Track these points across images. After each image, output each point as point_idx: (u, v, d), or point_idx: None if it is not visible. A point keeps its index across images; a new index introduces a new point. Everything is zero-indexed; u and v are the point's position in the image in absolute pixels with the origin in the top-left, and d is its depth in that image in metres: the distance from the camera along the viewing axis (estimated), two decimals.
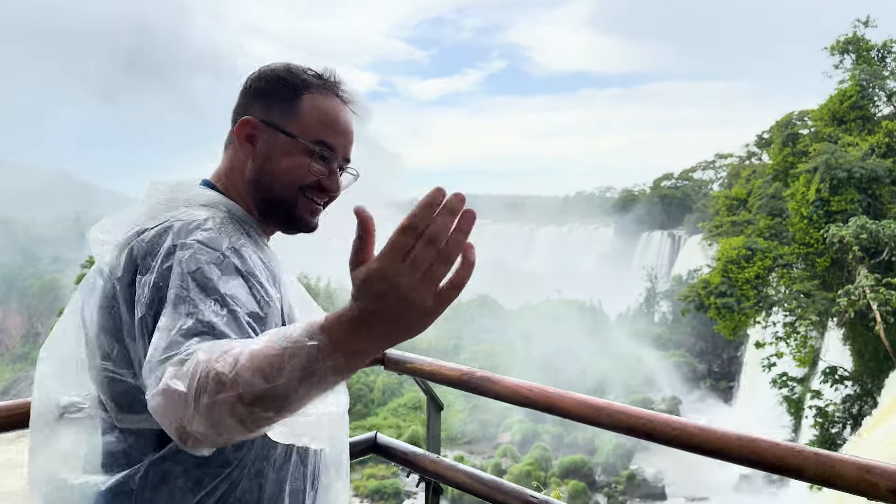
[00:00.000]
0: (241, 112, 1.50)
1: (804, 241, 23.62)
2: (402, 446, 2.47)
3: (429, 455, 2.39)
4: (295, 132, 1.46)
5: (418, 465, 2.37)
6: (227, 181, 1.50)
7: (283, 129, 1.46)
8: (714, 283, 24.10)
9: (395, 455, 2.45)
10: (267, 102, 1.48)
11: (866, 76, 24.83)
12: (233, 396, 0.92)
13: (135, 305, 1.20)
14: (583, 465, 30.75)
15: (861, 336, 22.13)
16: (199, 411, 0.94)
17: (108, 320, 1.28)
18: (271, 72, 1.51)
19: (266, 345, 0.94)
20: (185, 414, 0.95)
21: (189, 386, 0.95)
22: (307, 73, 1.51)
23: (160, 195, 1.40)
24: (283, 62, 1.53)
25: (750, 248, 24.40)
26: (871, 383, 22.26)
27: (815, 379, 24.30)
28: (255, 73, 1.53)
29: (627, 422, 1.85)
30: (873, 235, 20.91)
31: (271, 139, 1.47)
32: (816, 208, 23.05)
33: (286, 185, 1.47)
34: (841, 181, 22.67)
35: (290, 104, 1.47)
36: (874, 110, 25.52)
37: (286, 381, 0.92)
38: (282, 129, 1.46)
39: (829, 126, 25.29)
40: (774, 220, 26.20)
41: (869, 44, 25.54)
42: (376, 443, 2.47)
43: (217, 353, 0.97)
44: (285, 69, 1.51)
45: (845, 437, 22.70)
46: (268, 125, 1.47)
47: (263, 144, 1.47)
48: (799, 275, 23.71)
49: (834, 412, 22.92)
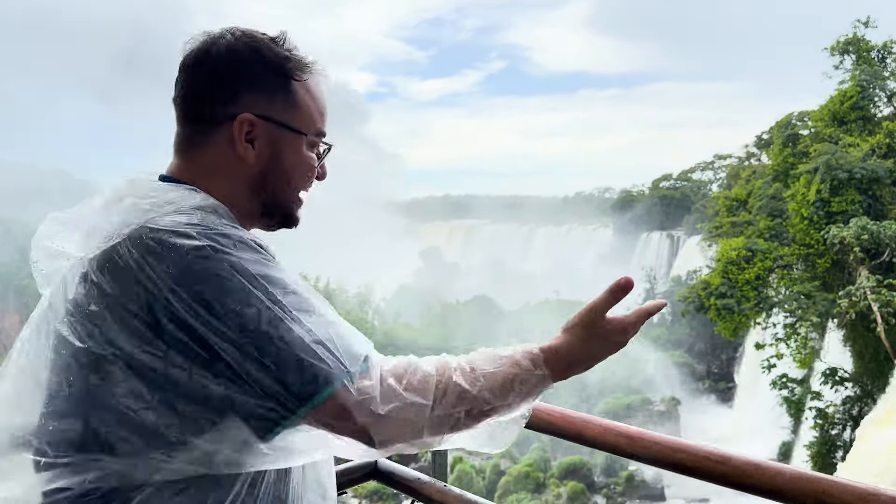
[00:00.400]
0: (224, 102, 1.28)
1: (804, 242, 23.54)
2: (406, 472, 2.27)
3: (436, 483, 2.25)
4: (301, 128, 1.33)
5: (424, 493, 2.22)
6: (210, 183, 1.27)
7: (290, 126, 1.32)
8: (714, 285, 24.04)
9: (399, 482, 2.26)
10: (263, 94, 1.30)
11: (867, 77, 24.77)
12: (464, 410, 1.12)
13: (196, 331, 1.05)
14: (581, 466, 30.66)
15: (862, 337, 22.07)
16: (431, 421, 1.11)
17: (132, 348, 1.07)
18: (250, 52, 1.29)
19: (495, 366, 1.17)
20: (417, 423, 1.10)
21: (426, 397, 1.10)
22: (286, 52, 1.33)
23: (135, 196, 1.21)
24: (241, 33, 1.31)
25: (750, 249, 24.34)
26: (872, 385, 22.20)
27: (814, 380, 24.24)
28: (222, 52, 1.28)
29: (666, 455, 1.60)
30: (874, 236, 20.84)
31: (275, 137, 1.31)
32: (817, 209, 22.98)
33: (295, 186, 1.36)
34: (841, 182, 22.60)
35: (288, 95, 1.32)
36: (874, 111, 25.46)
37: (512, 401, 1.18)
38: (288, 125, 1.32)
39: (829, 127, 25.22)
40: (774, 220, 26.11)
41: (869, 44, 25.48)
42: (377, 468, 2.33)
43: (442, 366, 1.15)
44: (266, 49, 1.30)
45: (845, 439, 22.64)
46: (267, 121, 1.30)
47: (266, 144, 1.30)
48: (799, 276, 23.64)
49: (834, 413, 22.87)
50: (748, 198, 30.08)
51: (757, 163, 39.65)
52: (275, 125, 1.30)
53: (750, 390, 35.11)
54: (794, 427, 27.69)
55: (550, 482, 29.51)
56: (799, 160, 25.24)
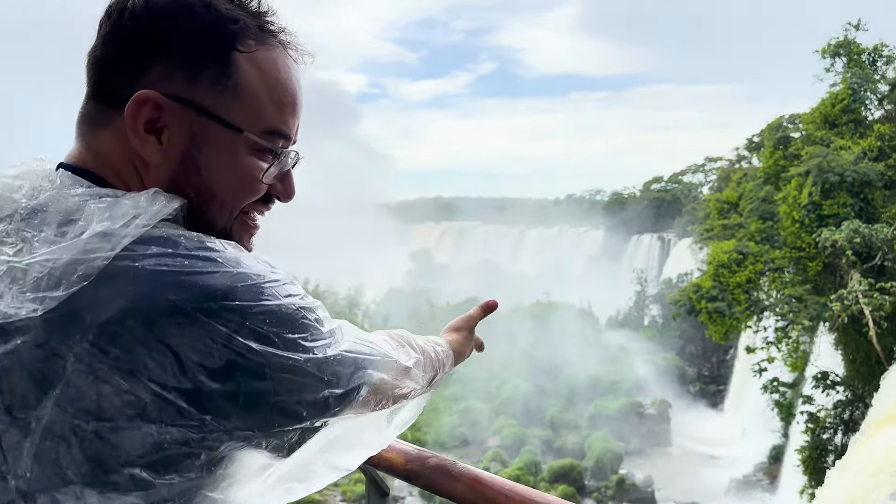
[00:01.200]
0: (128, 75, 0.92)
1: (796, 245, 23.47)
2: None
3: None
4: (238, 121, 0.94)
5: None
6: (117, 181, 0.94)
7: (219, 117, 0.93)
8: (705, 287, 23.93)
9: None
10: (183, 67, 0.91)
11: (858, 79, 24.73)
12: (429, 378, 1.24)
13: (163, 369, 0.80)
14: (572, 470, 30.58)
15: (853, 341, 22.01)
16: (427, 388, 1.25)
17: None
18: (177, 6, 0.91)
19: (438, 349, 1.31)
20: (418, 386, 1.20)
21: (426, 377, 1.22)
22: (234, 8, 0.94)
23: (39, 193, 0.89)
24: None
25: (741, 252, 24.26)
26: (863, 389, 22.14)
27: (806, 384, 24.19)
28: (140, 4, 0.91)
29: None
30: (866, 240, 20.77)
31: (195, 130, 0.93)
32: (808, 212, 22.90)
33: (225, 206, 0.97)
34: (833, 185, 22.54)
35: (224, 71, 0.92)
36: (866, 114, 25.43)
37: (438, 380, 1.30)
38: (216, 115, 0.92)
39: (820, 129, 25.18)
40: (766, 223, 26.03)
41: (860, 47, 25.46)
42: None
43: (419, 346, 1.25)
44: (201, 3, 0.92)
45: (836, 443, 22.58)
46: (184, 105, 0.91)
47: (179, 139, 0.92)
48: (791, 279, 23.57)
49: (825, 417, 22.80)
50: (739, 200, 30.02)
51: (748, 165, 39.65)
52: (195, 113, 0.92)
53: (740, 394, 35.10)
54: (785, 431, 27.64)
55: (541, 486, 29.36)
56: (790, 163, 25.17)
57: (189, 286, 0.80)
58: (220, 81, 0.92)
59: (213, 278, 0.82)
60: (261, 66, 0.94)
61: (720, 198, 32.49)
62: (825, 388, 22.79)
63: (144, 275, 0.80)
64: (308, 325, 0.88)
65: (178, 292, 0.80)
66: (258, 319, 0.83)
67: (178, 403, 0.80)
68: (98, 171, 0.94)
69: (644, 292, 50.90)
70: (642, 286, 51.04)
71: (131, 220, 0.84)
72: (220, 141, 0.94)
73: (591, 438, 32.95)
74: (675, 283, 42.64)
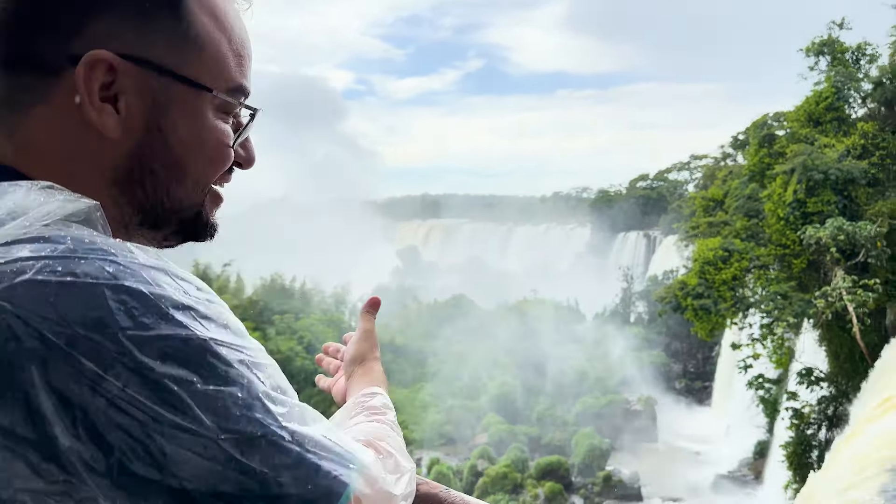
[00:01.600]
0: (62, 34, 0.74)
1: (781, 243, 23.62)
2: None
3: None
4: (204, 78, 0.80)
5: None
6: (42, 172, 0.75)
7: (182, 75, 0.79)
8: (691, 285, 24.03)
9: None
10: (132, 20, 0.76)
11: (841, 78, 24.91)
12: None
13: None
14: (559, 467, 30.64)
15: (837, 337, 22.18)
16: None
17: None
18: None
19: (389, 416, 1.05)
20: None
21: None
22: None
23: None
24: None
25: (727, 250, 24.36)
26: (847, 385, 22.32)
27: (790, 380, 24.36)
28: None
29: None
30: (850, 237, 20.92)
31: (156, 94, 0.78)
32: (793, 209, 23.06)
33: (195, 177, 0.82)
34: (817, 183, 22.69)
35: (179, 23, 0.79)
36: (849, 112, 25.62)
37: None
38: (178, 73, 0.79)
39: (805, 127, 25.34)
40: (751, 221, 26.18)
41: (843, 46, 25.64)
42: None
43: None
44: None
45: (820, 439, 22.77)
46: (141, 65, 0.77)
47: (140, 106, 0.77)
48: (776, 276, 23.70)
49: (810, 413, 22.97)
50: (724, 198, 30.16)
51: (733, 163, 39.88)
52: (155, 73, 0.78)
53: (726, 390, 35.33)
54: (770, 427, 27.84)
55: (528, 483, 29.42)
56: (775, 161, 25.31)
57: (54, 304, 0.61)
58: (178, 34, 0.78)
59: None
60: (214, 13, 0.82)
61: (706, 195, 32.63)
62: (809, 385, 22.96)
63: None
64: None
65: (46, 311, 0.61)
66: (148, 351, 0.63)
67: (27, 457, 0.60)
68: (13, 163, 0.76)
69: (630, 289, 51.12)
70: (628, 283, 51.26)
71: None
72: (186, 104, 0.80)
73: (577, 435, 33.06)
74: (661, 280, 42.81)
